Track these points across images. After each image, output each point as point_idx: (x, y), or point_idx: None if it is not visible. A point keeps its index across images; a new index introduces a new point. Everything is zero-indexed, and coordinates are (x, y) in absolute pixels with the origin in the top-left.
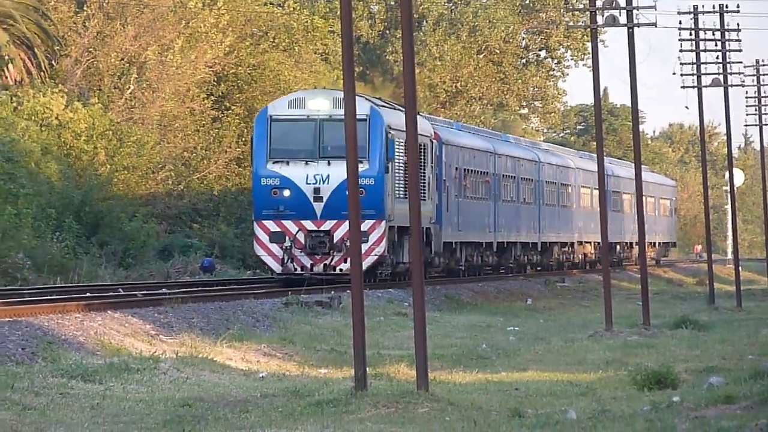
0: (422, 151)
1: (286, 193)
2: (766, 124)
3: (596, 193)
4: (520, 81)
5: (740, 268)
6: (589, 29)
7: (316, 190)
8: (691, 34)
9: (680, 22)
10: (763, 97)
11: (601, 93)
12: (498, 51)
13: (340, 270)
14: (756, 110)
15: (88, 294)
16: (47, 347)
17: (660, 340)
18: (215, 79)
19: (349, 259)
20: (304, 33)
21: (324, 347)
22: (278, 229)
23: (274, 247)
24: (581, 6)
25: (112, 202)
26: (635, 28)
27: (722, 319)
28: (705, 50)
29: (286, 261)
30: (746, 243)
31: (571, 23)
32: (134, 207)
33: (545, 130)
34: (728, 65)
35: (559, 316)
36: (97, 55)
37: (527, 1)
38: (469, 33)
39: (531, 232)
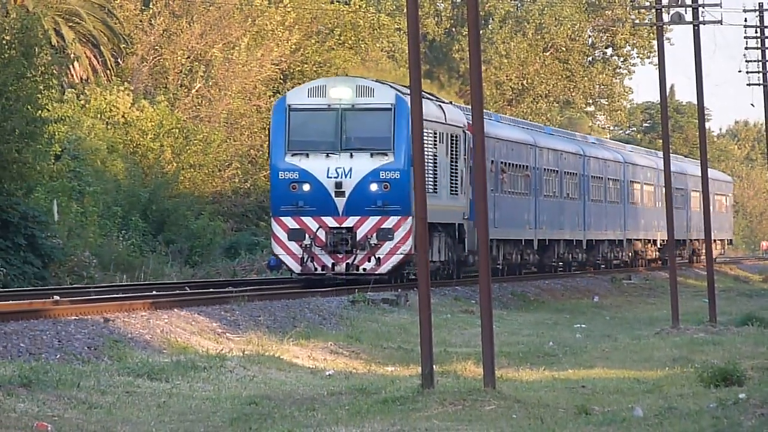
0: (454, 142)
1: (306, 187)
2: None
3: (647, 188)
4: (586, 78)
5: None
6: (655, 27)
7: (338, 185)
8: (756, 32)
9: (746, 20)
10: None
11: (667, 90)
12: (564, 48)
13: (364, 269)
14: None
15: (154, 292)
16: (113, 345)
17: (726, 337)
18: (281, 76)
19: (373, 258)
20: (370, 30)
21: (391, 345)
22: (297, 226)
23: (293, 246)
24: (647, 4)
25: (179, 200)
26: (701, 26)
27: (747, 290)
28: None
29: (305, 260)
30: None
31: (637, 21)
32: (201, 205)
33: (612, 128)
34: None
35: (626, 313)
36: (164, 53)
37: None
38: (535, 30)
39: (576, 229)
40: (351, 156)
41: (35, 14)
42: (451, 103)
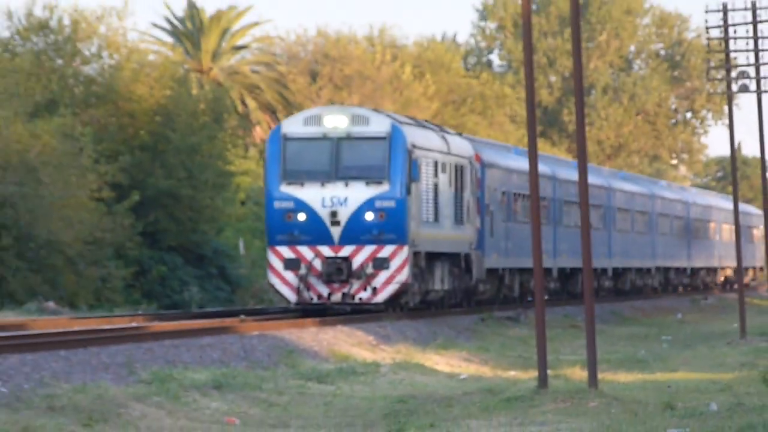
0: (459, 173)
1: (301, 216)
2: None
3: (676, 222)
4: (670, 137)
5: None
6: (725, 95)
7: (333, 214)
8: None
9: None
10: None
11: (736, 146)
12: (652, 113)
13: (360, 299)
14: None
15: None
16: (288, 355)
17: None
18: None
19: (369, 287)
20: (495, 99)
21: (513, 354)
22: (293, 256)
23: (289, 275)
24: (719, 76)
25: None
26: (763, 94)
27: None
28: None
29: (301, 290)
30: None
31: (711, 91)
32: None
33: (692, 177)
34: None
35: (703, 327)
36: None
37: (676, 73)
38: (629, 99)
39: (601, 257)
40: (346, 185)
41: (224, 87)
42: (460, 135)
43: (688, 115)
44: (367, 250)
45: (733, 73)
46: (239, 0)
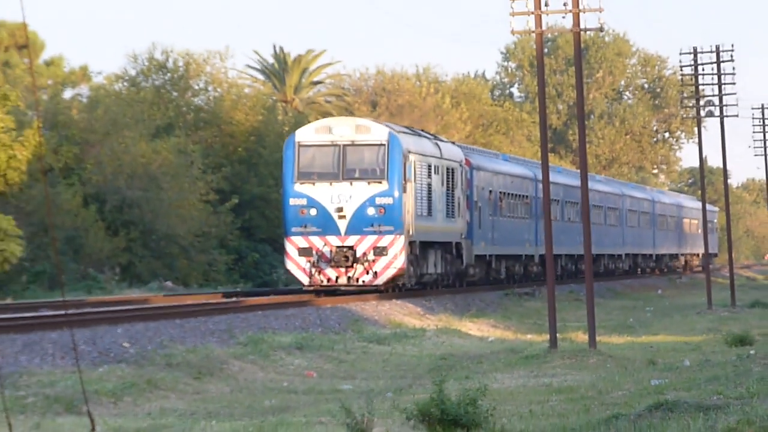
0: (450, 174)
1: (313, 211)
2: None
3: (642, 216)
4: (652, 152)
5: None
6: (695, 119)
7: (340, 209)
8: (760, 122)
9: (753, 116)
10: None
11: (704, 159)
12: (638, 133)
13: (363, 282)
14: None
15: (382, 290)
16: (354, 323)
17: (742, 315)
18: None
19: (370, 272)
20: (515, 123)
21: (529, 321)
22: (306, 245)
23: (302, 261)
24: (691, 104)
25: None
26: (725, 119)
27: (755, 285)
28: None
29: (313, 273)
30: None
31: (684, 116)
32: None
33: (669, 183)
34: None
35: (678, 301)
36: None
37: (656, 102)
38: (620, 122)
39: (576, 245)
40: (351, 184)
41: (304, 114)
42: (453, 143)
43: (666, 134)
44: (369, 240)
45: (702, 102)
46: (316, 44)
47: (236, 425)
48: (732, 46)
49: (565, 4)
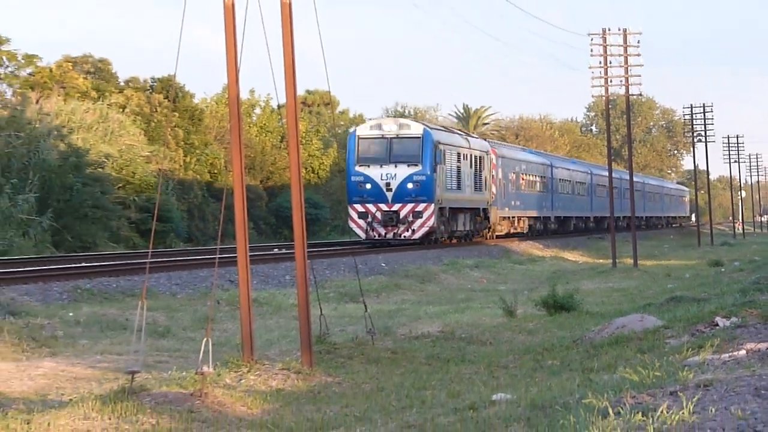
0: (478, 160)
1: (368, 186)
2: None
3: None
4: (667, 161)
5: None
6: (691, 143)
7: (388, 185)
8: (726, 145)
9: (722, 141)
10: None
11: (696, 165)
12: (660, 151)
13: (404, 236)
14: None
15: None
16: (506, 253)
17: (716, 249)
18: None
19: (410, 229)
20: (594, 146)
21: (601, 253)
22: (363, 210)
23: (361, 222)
24: (688, 136)
25: None
26: (708, 143)
27: (739, 242)
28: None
29: (368, 230)
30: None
31: (685, 141)
32: None
33: (676, 178)
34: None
35: (681, 241)
36: None
37: (669, 134)
38: (650, 145)
39: (585, 210)
40: (395, 166)
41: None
42: (485, 139)
43: (675, 151)
44: (409, 206)
45: (694, 134)
46: (486, 101)
47: (443, 308)
48: (712, 103)
49: (620, 80)
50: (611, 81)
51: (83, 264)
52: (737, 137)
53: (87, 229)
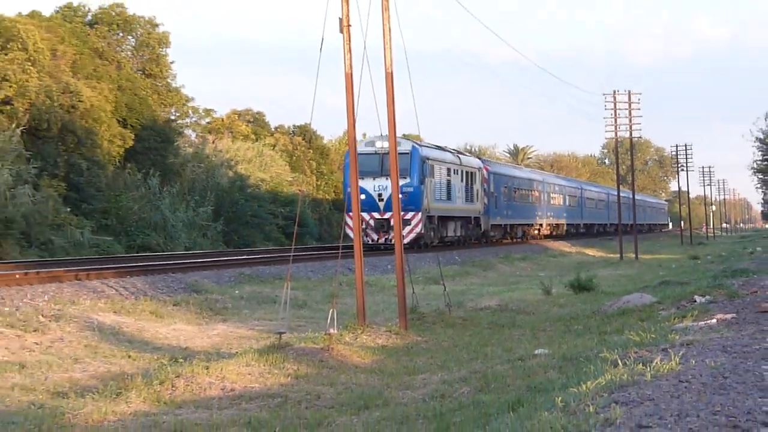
0: (469, 175)
1: (363, 196)
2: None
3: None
4: (659, 184)
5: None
6: (675, 172)
7: (379, 195)
8: (701, 173)
9: (699, 170)
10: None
11: (680, 187)
12: (653, 177)
13: (394, 242)
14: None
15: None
16: (545, 250)
17: (694, 247)
18: None
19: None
20: (606, 173)
21: (610, 249)
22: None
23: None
24: (674, 166)
25: None
26: (689, 172)
27: (710, 242)
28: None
29: (363, 236)
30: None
31: (672, 170)
32: None
33: (665, 197)
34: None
35: (668, 241)
36: None
37: (661, 164)
38: (647, 173)
39: (576, 218)
40: (387, 179)
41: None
42: (479, 157)
43: (664, 178)
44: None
45: (678, 165)
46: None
47: (499, 288)
48: (692, 143)
49: (625, 126)
50: (619, 127)
51: (245, 257)
52: (710, 167)
53: (248, 231)
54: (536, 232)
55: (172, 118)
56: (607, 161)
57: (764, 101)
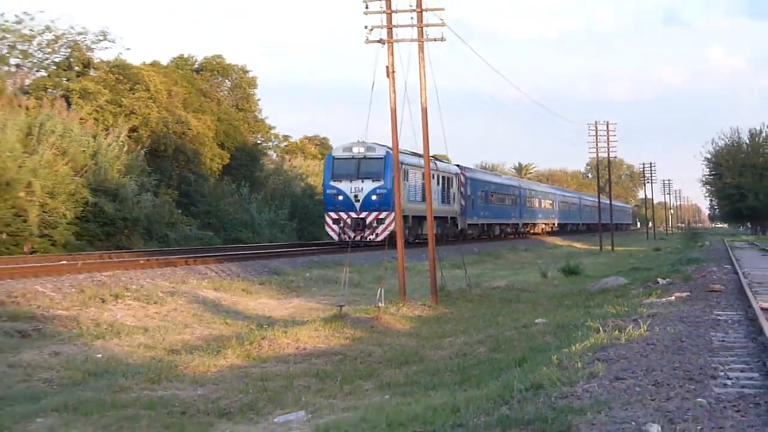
0: (446, 180)
1: (340, 197)
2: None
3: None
4: (630, 194)
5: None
6: (644, 184)
7: (356, 196)
8: (663, 186)
9: (661, 182)
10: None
11: (645, 196)
12: (625, 188)
13: (370, 239)
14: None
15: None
16: (542, 243)
17: (657, 241)
18: None
19: (375, 233)
20: (589, 184)
21: (595, 242)
22: (336, 217)
23: (335, 227)
24: (643, 182)
25: None
26: (654, 184)
27: (669, 238)
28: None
29: (340, 234)
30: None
31: (642, 186)
32: None
33: (633, 203)
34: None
35: (637, 237)
36: None
37: (631, 179)
38: (622, 185)
39: (551, 218)
40: (362, 181)
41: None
42: (458, 165)
43: (634, 190)
44: (373, 214)
45: (645, 179)
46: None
47: (507, 272)
48: (655, 162)
49: (604, 149)
50: (600, 149)
51: (314, 248)
52: (669, 180)
53: (316, 229)
54: (512, 230)
55: (258, 142)
56: (590, 176)
57: (711, 130)
